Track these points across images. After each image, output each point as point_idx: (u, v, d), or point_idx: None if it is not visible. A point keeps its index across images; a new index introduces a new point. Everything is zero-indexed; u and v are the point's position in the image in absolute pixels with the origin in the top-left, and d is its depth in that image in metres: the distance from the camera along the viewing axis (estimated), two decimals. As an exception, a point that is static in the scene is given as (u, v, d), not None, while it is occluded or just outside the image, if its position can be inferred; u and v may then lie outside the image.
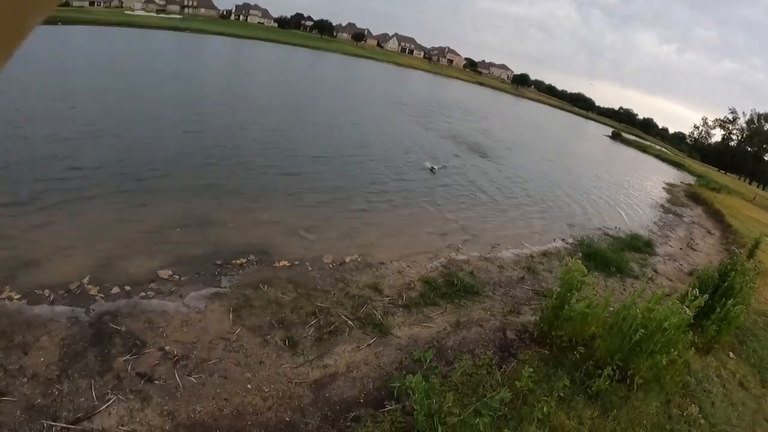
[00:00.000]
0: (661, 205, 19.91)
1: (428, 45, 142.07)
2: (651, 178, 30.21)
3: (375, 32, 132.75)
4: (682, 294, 6.02)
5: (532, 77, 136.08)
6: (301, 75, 39.92)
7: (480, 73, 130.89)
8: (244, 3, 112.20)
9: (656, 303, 4.97)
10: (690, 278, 9.63)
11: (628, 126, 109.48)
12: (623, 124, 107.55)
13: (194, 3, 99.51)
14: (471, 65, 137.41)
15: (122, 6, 78.13)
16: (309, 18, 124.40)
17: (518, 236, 10.51)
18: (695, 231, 16.02)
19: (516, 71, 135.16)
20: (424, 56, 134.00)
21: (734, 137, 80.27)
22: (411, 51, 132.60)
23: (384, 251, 7.83)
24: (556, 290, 5.47)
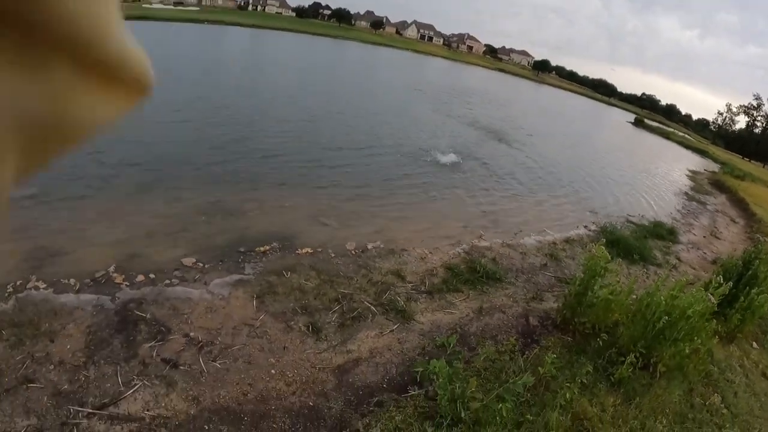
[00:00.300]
0: (685, 193, 19.44)
1: (447, 32, 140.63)
2: (674, 166, 29.44)
3: (393, 20, 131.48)
4: (706, 282, 5.93)
5: (552, 63, 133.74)
6: (325, 65, 39.78)
7: (500, 60, 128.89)
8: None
9: (680, 290, 4.91)
10: (713, 267, 9.44)
11: (651, 112, 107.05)
12: (646, 111, 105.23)
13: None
14: (491, 51, 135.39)
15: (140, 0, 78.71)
16: (327, 7, 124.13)
17: (541, 223, 10.40)
18: (719, 219, 15.64)
19: (536, 58, 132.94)
20: (444, 43, 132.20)
21: (759, 124, 77.85)
22: (430, 38, 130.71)
23: (406, 238, 7.83)
24: (579, 276, 5.44)
